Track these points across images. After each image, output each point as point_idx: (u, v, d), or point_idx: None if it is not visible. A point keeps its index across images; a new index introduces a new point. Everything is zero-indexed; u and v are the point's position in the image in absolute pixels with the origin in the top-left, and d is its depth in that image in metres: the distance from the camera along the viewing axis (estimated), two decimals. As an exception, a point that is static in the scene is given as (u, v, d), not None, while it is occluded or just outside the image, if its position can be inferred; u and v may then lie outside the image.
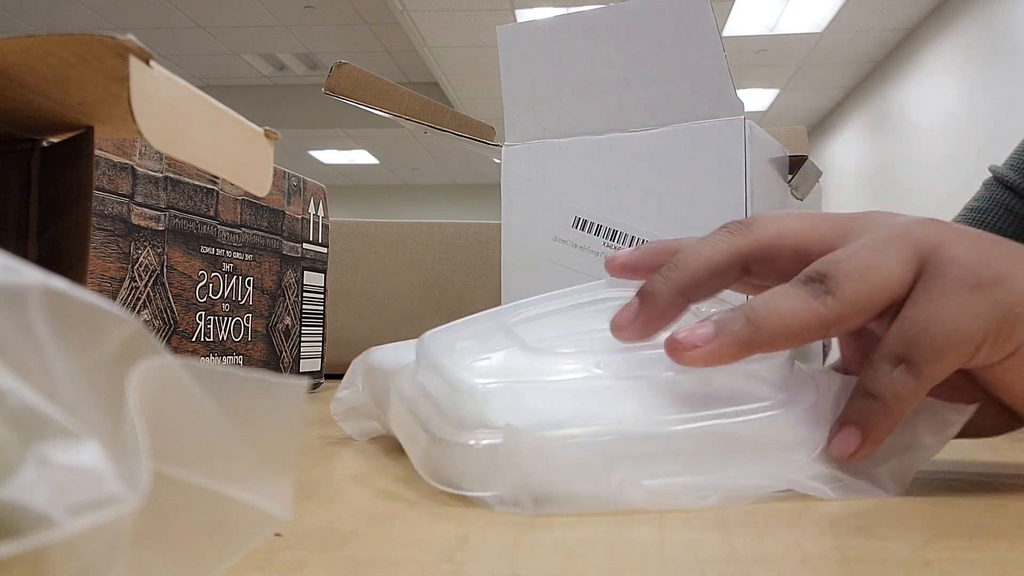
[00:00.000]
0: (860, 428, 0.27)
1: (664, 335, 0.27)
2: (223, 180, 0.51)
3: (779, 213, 0.31)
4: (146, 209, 0.44)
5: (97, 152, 0.39)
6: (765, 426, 0.27)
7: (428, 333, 0.30)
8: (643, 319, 0.29)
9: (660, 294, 0.29)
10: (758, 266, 0.30)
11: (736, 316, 0.27)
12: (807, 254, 0.29)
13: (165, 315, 0.45)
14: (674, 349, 0.26)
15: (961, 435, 0.27)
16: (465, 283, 0.83)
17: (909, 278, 0.27)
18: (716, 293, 0.30)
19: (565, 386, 0.27)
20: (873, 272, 0.27)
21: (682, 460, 0.26)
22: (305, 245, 0.61)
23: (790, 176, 0.52)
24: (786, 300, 0.27)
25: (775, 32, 4.44)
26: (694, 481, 0.25)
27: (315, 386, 0.64)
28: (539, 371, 0.27)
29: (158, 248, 0.45)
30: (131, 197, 0.43)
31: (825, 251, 0.28)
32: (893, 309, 0.27)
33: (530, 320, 0.31)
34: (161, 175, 0.45)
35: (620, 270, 0.32)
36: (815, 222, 0.30)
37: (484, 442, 0.24)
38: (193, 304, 0.48)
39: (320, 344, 0.64)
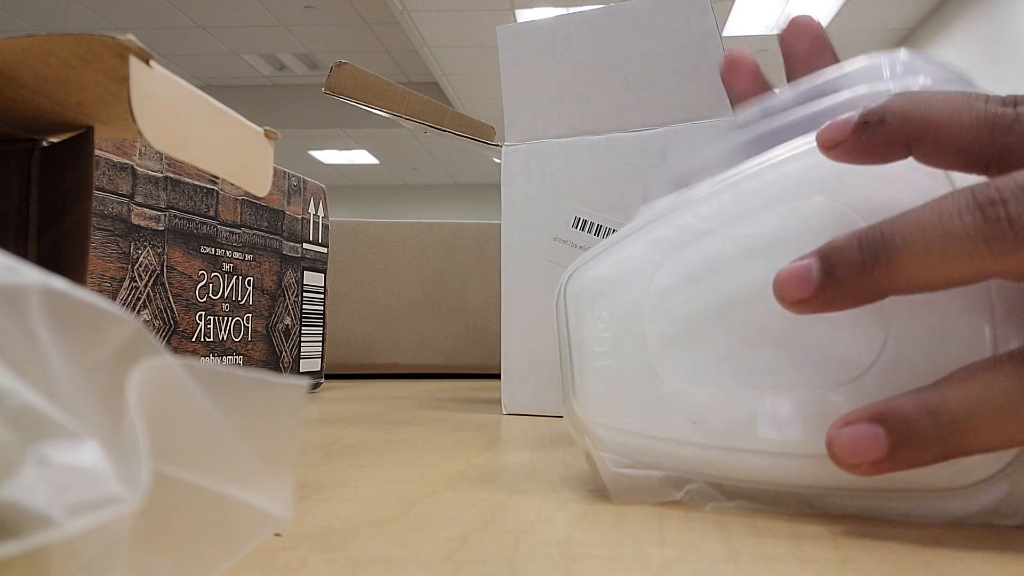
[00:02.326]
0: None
1: None
2: (223, 180, 0.51)
3: None
4: (146, 209, 0.44)
5: (97, 152, 0.39)
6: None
7: (574, 275, 0.28)
8: (819, 298, 0.22)
9: (846, 284, 0.21)
10: (1011, 285, 0.21)
11: (918, 416, 0.20)
12: None
13: (165, 315, 0.45)
14: (828, 444, 0.21)
15: None
16: (465, 283, 0.83)
17: None
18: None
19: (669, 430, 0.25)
20: None
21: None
22: (305, 245, 0.61)
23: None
24: (997, 402, 0.20)
25: (775, 32, 4.43)
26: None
27: (315, 386, 0.64)
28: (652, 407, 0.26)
29: (158, 248, 0.45)
30: (131, 197, 0.43)
31: None
32: None
33: (677, 292, 0.26)
34: (161, 175, 0.45)
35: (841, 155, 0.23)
36: None
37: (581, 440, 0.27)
38: (193, 304, 0.48)
39: (320, 344, 0.64)
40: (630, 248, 0.27)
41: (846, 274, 0.21)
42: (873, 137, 0.22)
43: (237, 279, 0.52)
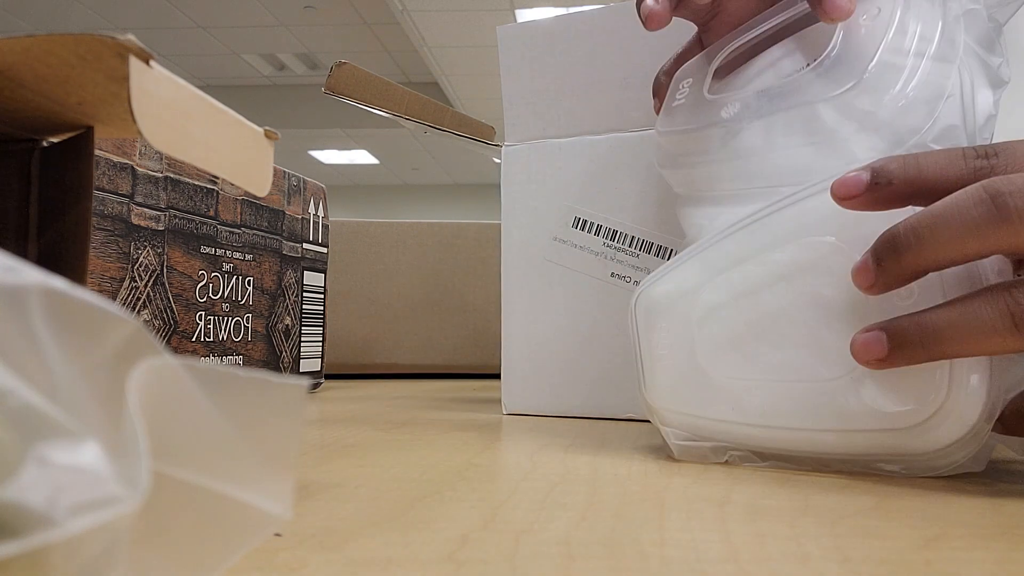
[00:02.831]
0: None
1: None
2: (223, 180, 0.51)
3: None
4: (146, 209, 0.44)
5: (97, 152, 0.39)
6: None
7: (643, 291, 0.35)
8: (880, 283, 0.28)
9: (891, 268, 0.27)
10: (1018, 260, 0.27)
11: (911, 328, 0.27)
12: None
13: (165, 315, 0.45)
14: (851, 345, 0.28)
15: None
16: (465, 283, 0.83)
17: None
18: None
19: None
20: None
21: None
22: (305, 245, 0.61)
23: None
24: (977, 317, 0.25)
25: None
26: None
27: (315, 386, 0.64)
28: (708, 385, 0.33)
29: (158, 248, 0.45)
30: (131, 197, 0.43)
31: None
32: None
33: (718, 307, 0.33)
34: (161, 175, 0.45)
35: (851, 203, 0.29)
36: None
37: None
38: (193, 304, 0.48)
39: (320, 344, 0.64)
40: (685, 269, 0.34)
41: (890, 261, 0.27)
42: (882, 194, 0.28)
43: (237, 279, 0.52)
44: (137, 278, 0.43)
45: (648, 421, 0.37)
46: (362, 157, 7.18)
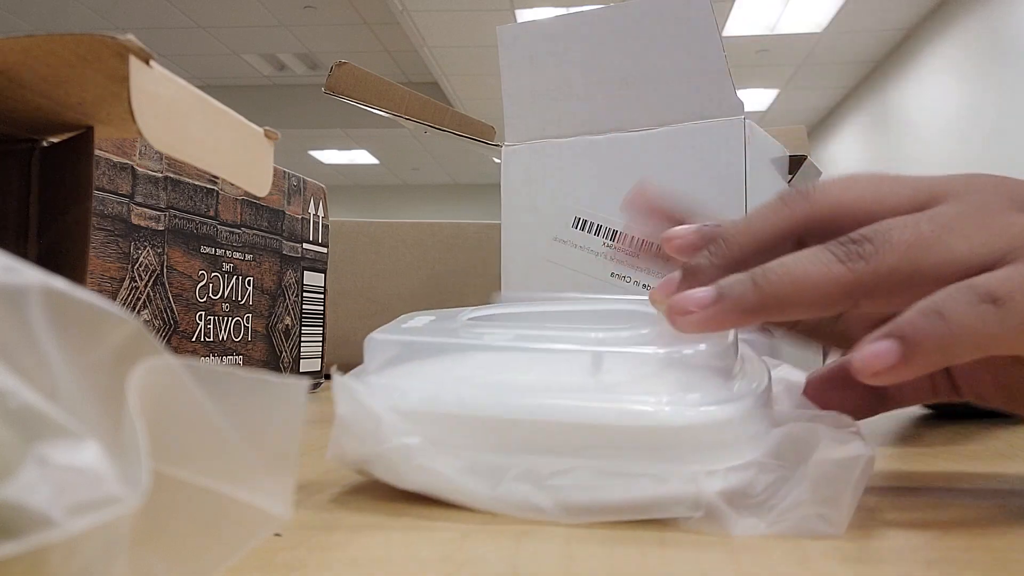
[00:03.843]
0: (903, 344, 0.22)
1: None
2: (223, 180, 0.51)
3: (848, 177, 0.27)
4: (146, 209, 0.44)
5: (97, 152, 0.39)
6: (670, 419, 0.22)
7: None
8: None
9: (704, 270, 0.26)
10: (816, 241, 0.26)
11: (743, 279, 0.25)
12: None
13: (165, 315, 0.45)
14: (669, 312, 0.25)
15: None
16: (465, 283, 0.83)
17: (990, 262, 0.23)
18: None
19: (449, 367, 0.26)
20: (938, 247, 0.23)
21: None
22: (305, 245, 0.61)
23: (790, 176, 0.52)
24: (806, 263, 0.24)
25: (775, 32, 4.44)
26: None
27: (315, 386, 0.64)
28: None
29: (158, 248, 0.45)
30: (131, 197, 0.43)
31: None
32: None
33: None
34: (161, 175, 0.45)
35: (681, 251, 0.29)
36: (889, 187, 0.26)
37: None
38: (193, 304, 0.48)
39: (320, 344, 0.64)
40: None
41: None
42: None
43: (237, 279, 0.52)
44: (137, 278, 0.43)
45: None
46: (362, 157, 7.18)
